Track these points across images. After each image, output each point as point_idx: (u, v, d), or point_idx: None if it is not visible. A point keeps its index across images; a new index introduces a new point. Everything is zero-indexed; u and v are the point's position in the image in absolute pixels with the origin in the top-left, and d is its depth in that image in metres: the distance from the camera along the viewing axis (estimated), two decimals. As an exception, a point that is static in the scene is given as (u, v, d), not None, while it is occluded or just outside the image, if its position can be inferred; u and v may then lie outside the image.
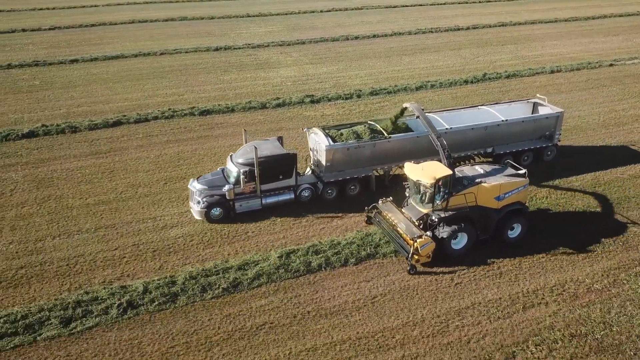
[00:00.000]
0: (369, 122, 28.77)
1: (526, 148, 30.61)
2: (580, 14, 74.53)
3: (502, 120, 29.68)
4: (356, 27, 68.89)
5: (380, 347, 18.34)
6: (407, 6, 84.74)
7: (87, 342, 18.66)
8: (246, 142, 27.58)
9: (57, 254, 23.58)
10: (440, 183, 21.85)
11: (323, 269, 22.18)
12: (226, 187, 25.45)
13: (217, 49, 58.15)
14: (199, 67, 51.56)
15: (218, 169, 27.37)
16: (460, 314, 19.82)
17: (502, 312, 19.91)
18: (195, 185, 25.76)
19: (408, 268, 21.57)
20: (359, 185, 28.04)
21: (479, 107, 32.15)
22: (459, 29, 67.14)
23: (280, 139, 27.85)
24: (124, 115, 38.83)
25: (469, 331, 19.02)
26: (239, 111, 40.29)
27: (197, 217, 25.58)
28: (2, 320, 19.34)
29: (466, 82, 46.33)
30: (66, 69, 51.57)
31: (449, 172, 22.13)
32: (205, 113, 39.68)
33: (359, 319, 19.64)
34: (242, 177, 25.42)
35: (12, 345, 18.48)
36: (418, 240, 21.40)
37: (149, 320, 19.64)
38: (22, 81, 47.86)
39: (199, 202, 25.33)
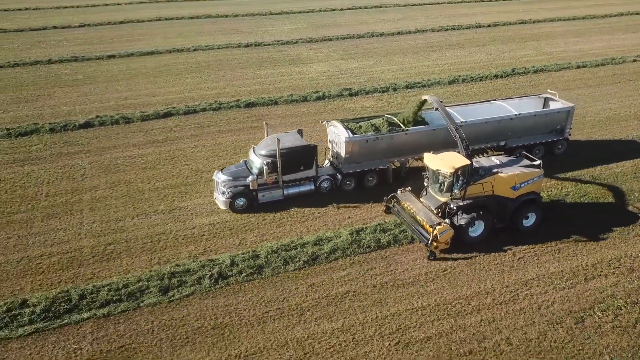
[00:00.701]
0: (386, 115, 29.55)
1: (538, 142, 31.33)
2: (597, 12, 76.07)
3: (515, 114, 30.47)
4: (379, 24, 70.41)
5: (458, 313, 19.92)
6: (425, 4, 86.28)
7: (186, 308, 20.23)
8: (267, 135, 28.35)
9: (139, 232, 25.16)
10: (459, 172, 22.66)
11: (392, 245, 23.74)
12: (250, 178, 26.24)
13: (247, 46, 59.69)
14: (234, 63, 53.14)
15: (241, 161, 28.18)
16: (527, 284, 21.40)
17: (565, 282, 21.49)
18: (220, 177, 26.52)
19: (427, 254, 22.54)
20: (377, 176, 28.75)
21: (492, 101, 33.15)
22: (480, 27, 68.67)
23: (300, 132, 28.60)
24: (173, 107, 40.40)
25: (538, 299, 20.60)
26: (281, 104, 41.85)
27: (222, 207, 26.39)
28: (106, 289, 20.94)
29: (496, 76, 47.87)
30: (105, 64, 53.15)
31: (467, 162, 22.98)
32: (250, 105, 41.25)
33: (434, 288, 21.23)
34: (265, 168, 26.23)
35: (119, 311, 20.06)
36: (437, 228, 22.26)
37: (240, 289, 21.23)
38: (65, 75, 49.43)
39: (223, 193, 26.10)
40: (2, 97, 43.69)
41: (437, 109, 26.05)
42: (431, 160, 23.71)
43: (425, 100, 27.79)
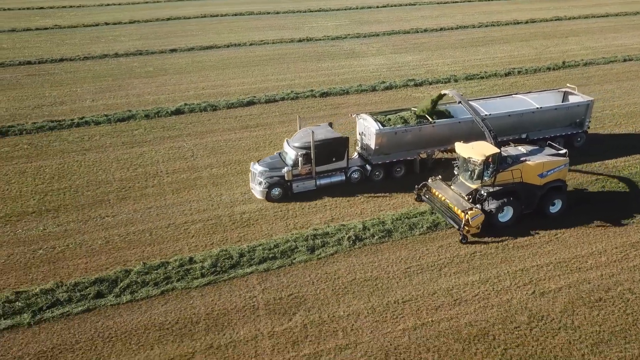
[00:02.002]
0: (412, 108, 30.67)
1: (558, 134, 32.18)
2: (629, 9, 78.47)
3: (537, 108, 31.48)
4: (419, 21, 72.89)
5: (579, 269, 22.49)
6: (457, 2, 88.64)
7: (335, 264, 22.81)
8: (300, 128, 29.49)
9: (266, 203, 27.71)
10: (489, 160, 23.86)
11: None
12: (285, 169, 27.29)
13: (300, 41, 62.22)
14: (293, 56, 55.67)
15: (275, 153, 29.40)
16: (634, 246, 23.91)
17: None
18: (256, 168, 27.61)
19: (460, 238, 23.82)
20: (404, 167, 29.77)
21: (513, 95, 34.27)
22: (518, 23, 71.10)
23: (330, 125, 29.73)
24: (254, 96, 42.96)
25: (646, 258, 23.13)
26: (352, 93, 44.42)
27: (258, 196, 27.55)
28: (260, 248, 23.54)
29: (548, 68, 50.39)
30: (169, 57, 55.75)
31: (497, 150, 24.23)
32: (324, 95, 43.80)
33: (550, 250, 23.78)
34: (300, 159, 27.31)
35: (276, 266, 22.66)
36: (469, 213, 23.46)
37: (377, 250, 23.80)
38: (136, 68, 52.03)
39: (260, 183, 27.25)
40: (87, 87, 46.28)
41: (459, 102, 27.36)
42: (462, 149, 24.85)
43: (443, 95, 29.03)
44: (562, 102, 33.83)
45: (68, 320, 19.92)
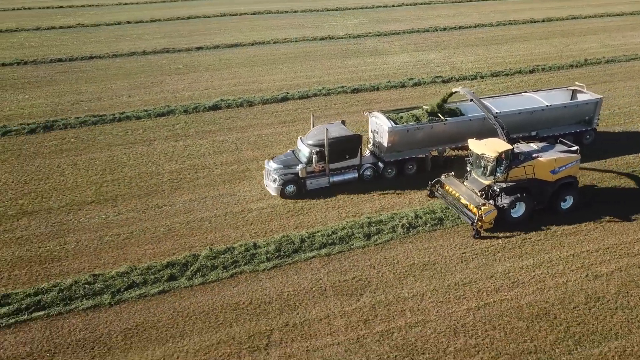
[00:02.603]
0: (423, 106, 30.88)
1: (567, 132, 32.34)
2: (643, 8, 79.48)
3: (547, 105, 31.72)
4: (436, 19, 73.88)
5: (627, 254, 23.53)
6: (472, 1, 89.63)
7: (392, 250, 23.82)
8: (313, 126, 29.95)
9: (317, 194, 28.71)
10: (502, 156, 24.15)
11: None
12: (299, 166, 27.66)
13: (322, 39, 63.23)
14: (318, 54, 56.70)
15: (289, 151, 29.80)
16: (676, 233, 24.93)
17: None
18: (271, 165, 27.94)
19: (473, 233, 24.16)
20: (416, 165, 30.14)
21: (522, 93, 34.69)
22: (535, 22, 72.08)
23: (343, 122, 30.10)
24: (287, 92, 43.97)
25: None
26: (382, 89, 45.42)
27: (272, 193, 27.88)
28: (319, 234, 24.58)
29: (571, 66, 51.39)
30: (196, 55, 56.79)
31: (510, 146, 24.54)
32: (355, 91, 44.83)
33: (597, 237, 24.78)
34: (314, 156, 27.61)
35: (335, 252, 23.70)
36: (482, 208, 23.80)
37: (430, 237, 24.82)
38: (166, 65, 53.07)
39: (275, 180, 27.57)
40: (120, 84, 47.32)
41: (471, 100, 27.64)
42: (476, 145, 25.04)
43: (453, 92, 29.48)
44: (571, 100, 34.22)
45: (146, 301, 20.92)
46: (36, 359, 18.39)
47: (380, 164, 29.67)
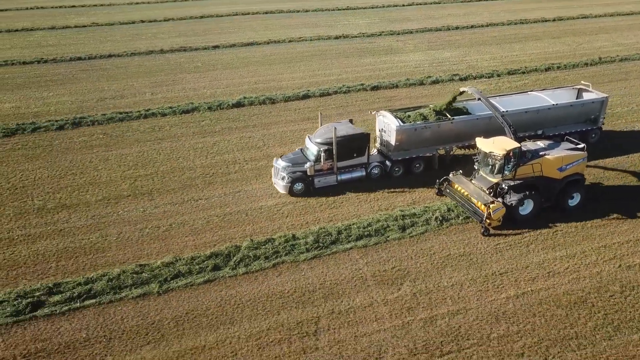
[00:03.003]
0: (430, 105, 31.16)
1: (573, 131, 32.34)
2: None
3: (553, 104, 31.95)
4: (448, 18, 74.45)
5: (657, 245, 24.13)
6: (481, 1, 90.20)
7: (427, 242, 24.44)
8: (321, 124, 30.21)
9: (346, 188, 29.34)
10: (510, 154, 24.43)
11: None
12: (307, 164, 27.92)
13: (337, 38, 63.84)
14: (334, 53, 57.31)
15: (297, 149, 30.16)
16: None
17: None
18: (279, 163, 28.20)
19: (482, 230, 24.43)
20: (423, 163, 30.40)
21: (529, 92, 34.88)
22: (545, 21, 72.68)
23: (351, 121, 30.45)
24: (308, 90, 44.60)
25: None
26: (401, 87, 46.05)
27: (281, 191, 28.15)
28: (355, 226, 25.22)
29: (586, 64, 51.99)
30: (213, 53, 57.42)
31: (517, 144, 24.81)
32: (375, 88, 45.46)
33: (626, 229, 25.41)
34: (322, 155, 27.85)
35: (372, 243, 24.32)
36: (491, 206, 24.05)
37: (463, 229, 25.46)
38: (184, 63, 53.70)
39: (283, 178, 27.79)
40: (142, 81, 47.98)
41: (479, 99, 28.04)
42: (484, 144, 25.31)
43: (462, 92, 29.74)
44: (577, 98, 34.34)
45: (193, 290, 21.56)
46: (93, 344, 18.98)
47: (388, 163, 29.85)
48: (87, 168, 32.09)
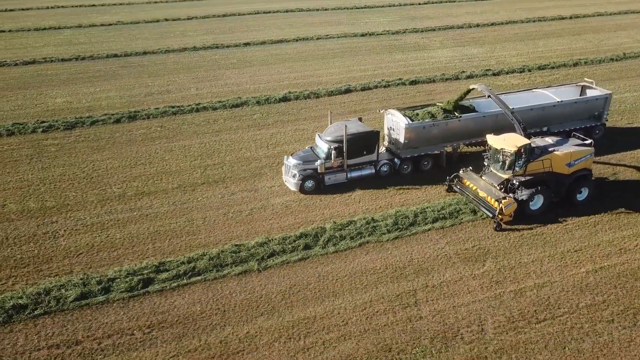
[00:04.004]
0: (437, 103, 31.74)
1: (577, 127, 33.02)
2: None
3: (558, 101, 32.47)
4: (467, 16, 76.10)
5: None
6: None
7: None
8: (331, 122, 30.74)
9: (416, 175, 30.77)
10: (521, 150, 24.96)
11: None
12: (318, 162, 28.32)
13: (363, 35, 65.34)
14: (364, 49, 58.78)
15: (307, 147, 30.53)
16: None
17: None
18: (290, 161, 28.63)
19: (494, 226, 24.96)
20: (431, 161, 30.86)
21: (533, 90, 35.39)
22: (562, 18, 74.50)
23: (360, 119, 30.99)
24: (349, 84, 46.04)
25: None
26: (438, 82, 47.59)
27: (292, 188, 28.54)
28: (429, 209, 26.65)
29: (611, 59, 53.72)
30: (245, 50, 58.77)
31: (527, 141, 25.43)
32: (413, 83, 46.97)
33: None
34: (333, 152, 28.27)
35: (448, 225, 25.76)
36: (503, 201, 24.57)
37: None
38: (220, 60, 55.05)
39: (294, 176, 28.23)
40: (184, 77, 49.31)
41: (489, 96, 28.71)
42: (495, 140, 25.83)
43: (471, 89, 30.29)
44: (580, 95, 34.98)
45: (289, 267, 22.96)
46: (210, 315, 20.34)
47: (397, 160, 30.27)
48: (154, 158, 33.37)
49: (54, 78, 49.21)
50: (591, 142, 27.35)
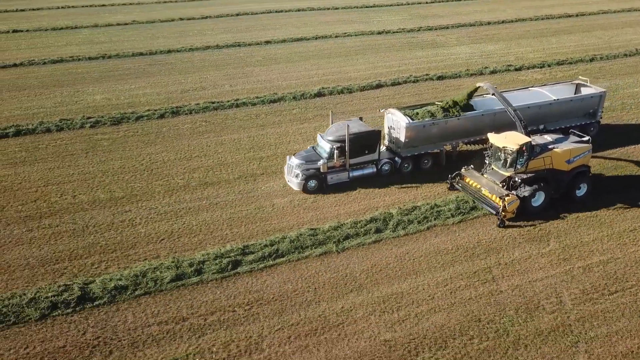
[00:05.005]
0: (436, 102, 32.17)
1: (573, 125, 33.31)
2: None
3: (554, 100, 33.06)
4: (476, 15, 77.86)
5: None
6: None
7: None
8: (332, 122, 30.96)
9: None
10: (523, 148, 25.53)
11: None
12: (321, 162, 28.53)
13: (379, 33, 66.82)
14: (384, 47, 60.28)
15: (309, 147, 30.91)
16: None
17: None
18: (293, 161, 28.85)
19: (498, 222, 25.43)
20: (431, 159, 31.31)
21: (529, 88, 35.95)
22: (569, 16, 76.53)
23: (361, 119, 31.50)
24: (380, 80, 47.50)
25: None
26: (464, 77, 49.20)
27: (295, 188, 28.78)
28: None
29: (625, 55, 55.77)
30: (267, 48, 59.98)
31: (528, 139, 25.98)
32: (440, 78, 48.51)
33: None
34: (335, 152, 28.55)
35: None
36: (506, 199, 25.04)
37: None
38: (247, 58, 56.21)
39: (297, 176, 28.43)
40: (215, 74, 50.46)
41: (493, 94, 29.50)
42: (496, 139, 26.27)
43: (478, 87, 30.99)
44: (575, 94, 35.55)
45: (365, 249, 24.33)
46: (303, 293, 21.63)
47: (397, 159, 30.65)
48: (208, 151, 34.53)
49: (86, 76, 50.05)
50: (589, 139, 27.93)
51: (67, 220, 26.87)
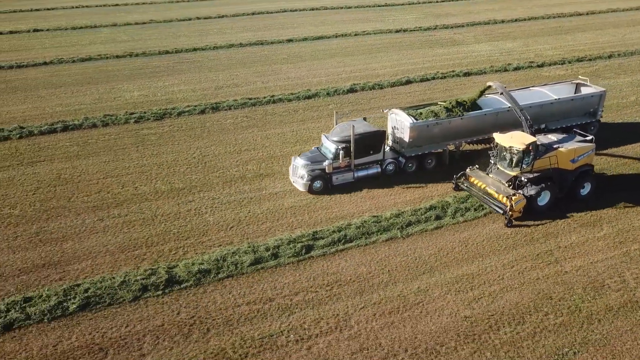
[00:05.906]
0: (439, 102, 32.46)
1: (573, 124, 33.58)
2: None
3: (556, 99, 33.38)
4: (487, 13, 79.26)
5: None
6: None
7: (601, 198, 28.54)
8: (336, 123, 31.14)
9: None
10: (530, 148, 25.69)
11: None
12: (326, 162, 28.76)
13: (397, 31, 68.03)
14: (404, 44, 61.50)
15: (313, 148, 31.20)
16: None
17: None
18: (298, 161, 28.99)
19: (505, 222, 25.61)
20: (435, 159, 31.56)
21: (530, 88, 36.20)
22: (580, 15, 78.12)
23: (365, 119, 31.76)
24: (408, 76, 48.70)
25: None
26: (489, 73, 50.48)
27: (300, 189, 28.89)
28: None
29: (641, 52, 57.20)
30: (289, 46, 61.05)
31: (534, 138, 26.18)
32: (467, 74, 49.78)
33: None
34: (341, 152, 28.69)
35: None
36: (513, 198, 25.24)
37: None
38: (271, 56, 57.25)
39: (302, 177, 28.57)
40: (244, 72, 51.52)
41: (501, 93, 29.80)
42: (502, 139, 26.42)
43: (488, 86, 31.03)
44: (575, 93, 35.80)
45: (428, 234, 25.52)
46: (378, 274, 22.79)
47: (401, 159, 30.87)
48: (256, 145, 35.60)
49: (118, 74, 50.94)
50: (592, 139, 28.24)
51: (135, 210, 27.84)
